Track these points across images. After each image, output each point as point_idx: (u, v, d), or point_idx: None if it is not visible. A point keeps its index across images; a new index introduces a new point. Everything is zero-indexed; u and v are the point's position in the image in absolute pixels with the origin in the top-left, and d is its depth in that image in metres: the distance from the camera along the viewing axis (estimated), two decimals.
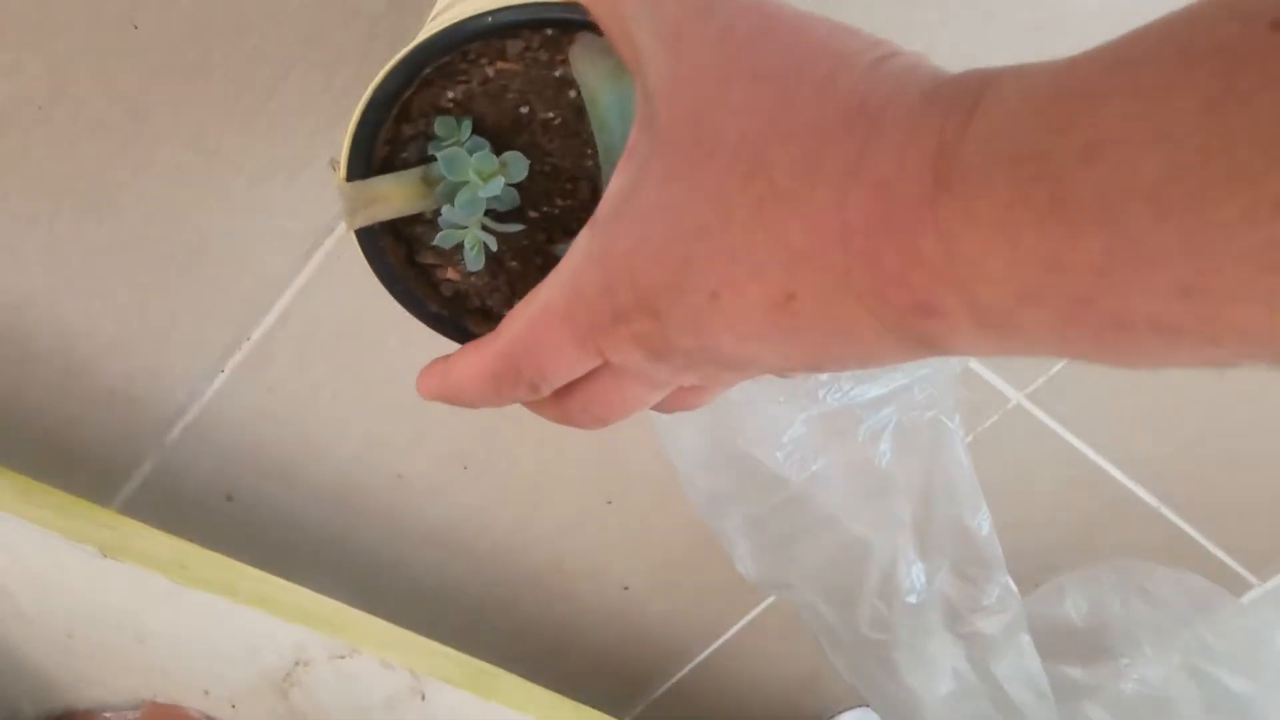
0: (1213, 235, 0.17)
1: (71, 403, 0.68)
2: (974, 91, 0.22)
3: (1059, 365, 0.76)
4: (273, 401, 0.69)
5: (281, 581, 0.58)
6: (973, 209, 0.20)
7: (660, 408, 0.37)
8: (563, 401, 0.35)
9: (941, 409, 0.68)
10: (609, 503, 0.77)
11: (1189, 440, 0.82)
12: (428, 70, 0.40)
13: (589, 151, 0.43)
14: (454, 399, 0.38)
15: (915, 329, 0.23)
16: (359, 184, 0.41)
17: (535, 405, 0.37)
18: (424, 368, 0.39)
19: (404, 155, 0.43)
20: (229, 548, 0.57)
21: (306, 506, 0.73)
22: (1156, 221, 0.17)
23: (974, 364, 0.73)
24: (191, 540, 0.57)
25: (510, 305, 0.46)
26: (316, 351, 0.67)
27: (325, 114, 0.59)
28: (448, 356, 0.38)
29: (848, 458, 0.67)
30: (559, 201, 0.45)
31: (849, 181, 0.23)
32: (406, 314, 0.68)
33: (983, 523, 0.70)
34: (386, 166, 0.43)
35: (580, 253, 0.31)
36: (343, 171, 0.41)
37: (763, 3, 0.27)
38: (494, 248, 0.43)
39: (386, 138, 0.42)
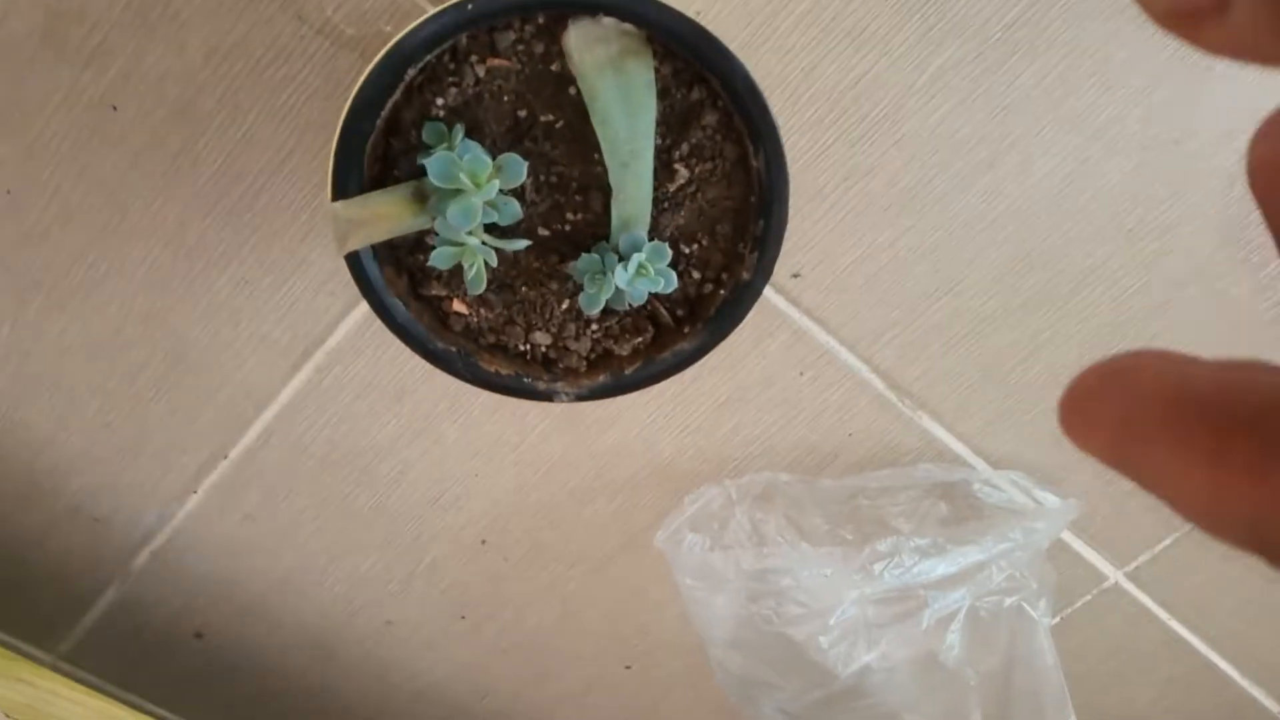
0: None
1: (32, 520, 0.61)
2: None
3: (1166, 541, 0.64)
4: (250, 530, 0.61)
5: None
6: None
7: None
8: None
9: (1024, 594, 0.57)
10: (627, 668, 0.67)
11: None
12: (412, 73, 0.35)
13: (597, 155, 0.40)
14: None
15: None
16: (348, 203, 0.38)
17: None
18: None
19: (396, 172, 0.40)
20: (196, 692, 0.49)
21: (284, 650, 0.64)
22: None
23: (1067, 536, 0.63)
24: (143, 685, 0.48)
25: (528, 338, 0.43)
26: (301, 476, 0.60)
27: (322, 212, 0.52)
28: None
29: (908, 649, 0.57)
30: (569, 216, 0.41)
31: None
32: (404, 436, 0.61)
33: None
34: (379, 186, 0.39)
35: None
36: (329, 190, 0.38)
37: None
38: (495, 264, 0.39)
39: (377, 154, 0.40)
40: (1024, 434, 0.61)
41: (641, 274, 0.40)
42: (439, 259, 0.38)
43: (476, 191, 0.37)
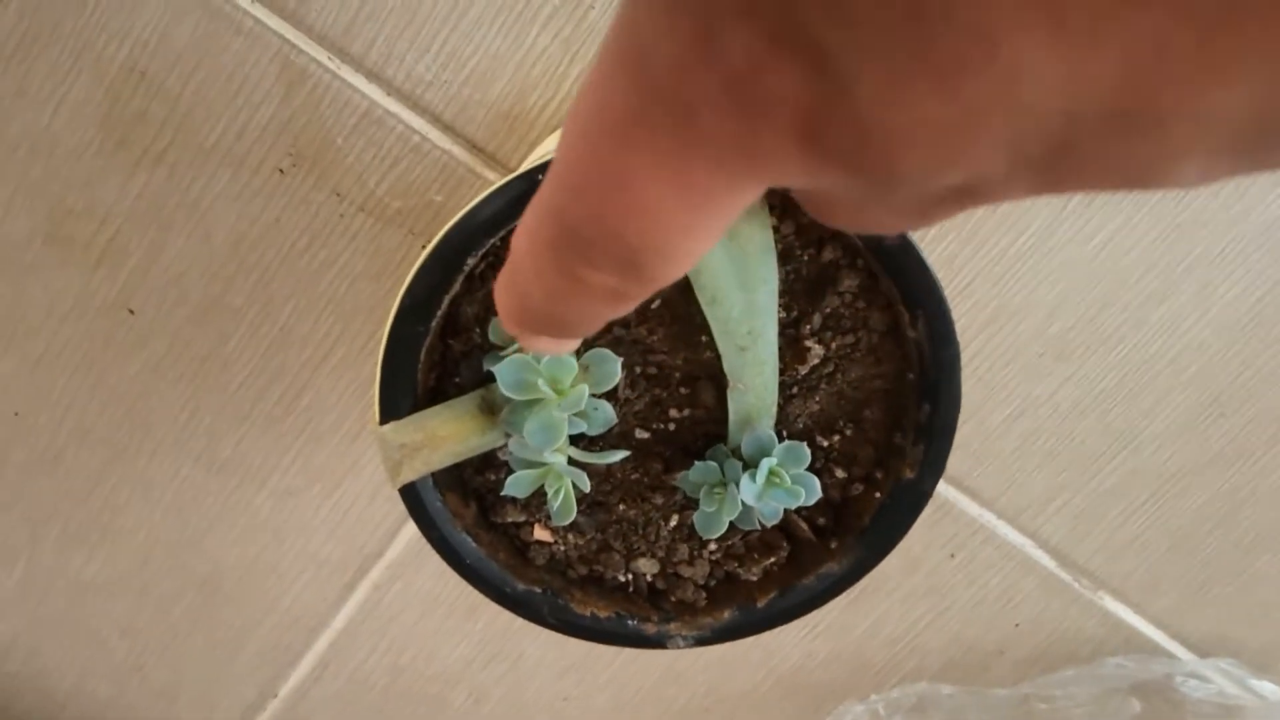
0: None
1: None
2: None
3: None
4: None
5: None
6: None
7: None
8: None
9: None
10: None
11: None
12: (471, 261, 0.28)
13: (704, 338, 0.32)
14: (522, 306, 0.20)
15: None
16: (399, 425, 0.30)
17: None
18: None
19: (458, 380, 0.32)
20: None
21: None
22: None
23: None
24: None
25: (629, 567, 0.35)
26: (363, 711, 0.51)
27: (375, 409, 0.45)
28: None
29: None
30: (673, 413, 0.33)
31: None
32: (479, 658, 0.52)
33: None
34: (437, 398, 0.32)
35: None
36: (376, 412, 0.31)
37: None
38: (586, 488, 0.31)
39: (433, 359, 0.32)
40: (1227, 611, 0.50)
41: (774, 484, 0.31)
42: (515, 486, 0.30)
43: (559, 401, 0.29)
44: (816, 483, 0.31)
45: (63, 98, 0.41)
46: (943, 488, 0.47)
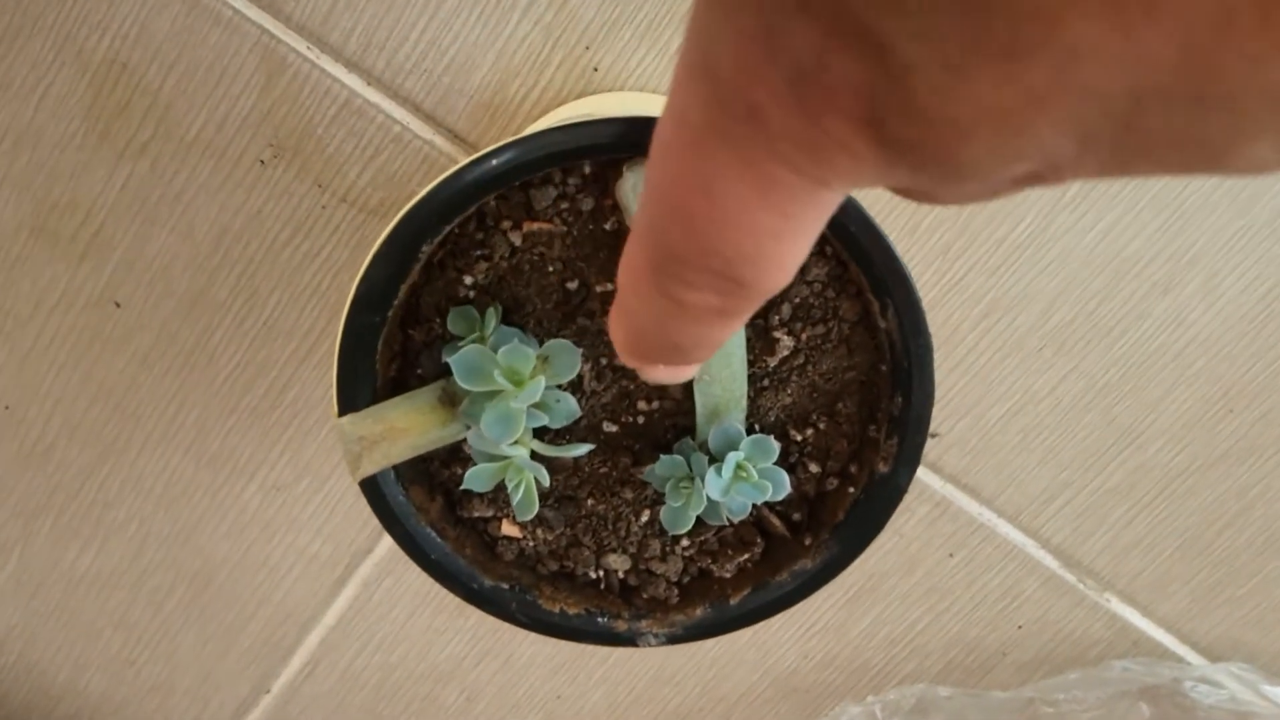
0: None
1: None
2: None
3: None
4: None
5: None
6: None
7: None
8: None
9: None
10: None
11: None
12: (427, 248, 0.30)
13: None
14: (634, 337, 0.21)
15: None
16: (357, 417, 0.30)
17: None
18: None
19: (420, 371, 0.32)
20: None
21: None
22: None
23: None
24: None
25: (600, 563, 0.34)
26: (354, 709, 0.51)
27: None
28: None
29: None
30: (642, 405, 0.33)
31: None
32: (470, 656, 0.52)
33: None
34: (399, 389, 0.32)
35: None
36: (334, 404, 0.31)
37: None
38: (546, 482, 0.30)
39: (393, 350, 0.32)
40: (1240, 613, 0.49)
41: (741, 478, 0.30)
42: (475, 480, 0.30)
43: (517, 392, 0.28)
44: (785, 477, 0.31)
45: (45, 90, 0.41)
46: (940, 485, 0.46)
